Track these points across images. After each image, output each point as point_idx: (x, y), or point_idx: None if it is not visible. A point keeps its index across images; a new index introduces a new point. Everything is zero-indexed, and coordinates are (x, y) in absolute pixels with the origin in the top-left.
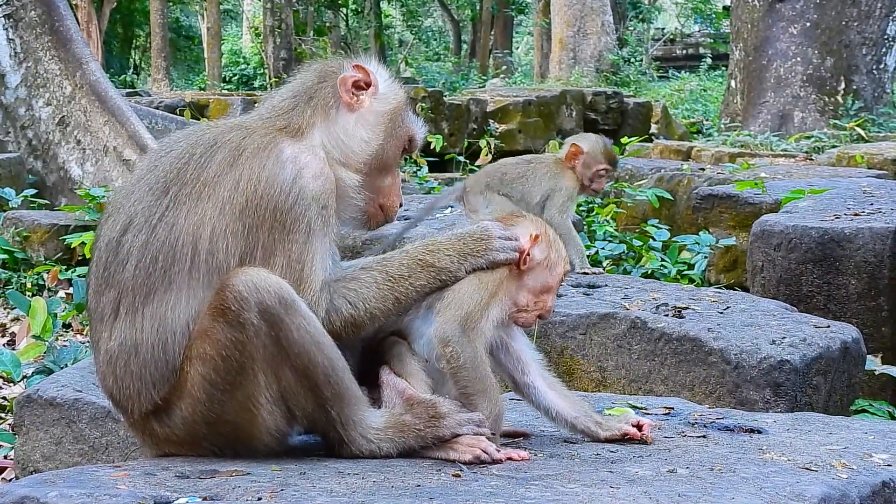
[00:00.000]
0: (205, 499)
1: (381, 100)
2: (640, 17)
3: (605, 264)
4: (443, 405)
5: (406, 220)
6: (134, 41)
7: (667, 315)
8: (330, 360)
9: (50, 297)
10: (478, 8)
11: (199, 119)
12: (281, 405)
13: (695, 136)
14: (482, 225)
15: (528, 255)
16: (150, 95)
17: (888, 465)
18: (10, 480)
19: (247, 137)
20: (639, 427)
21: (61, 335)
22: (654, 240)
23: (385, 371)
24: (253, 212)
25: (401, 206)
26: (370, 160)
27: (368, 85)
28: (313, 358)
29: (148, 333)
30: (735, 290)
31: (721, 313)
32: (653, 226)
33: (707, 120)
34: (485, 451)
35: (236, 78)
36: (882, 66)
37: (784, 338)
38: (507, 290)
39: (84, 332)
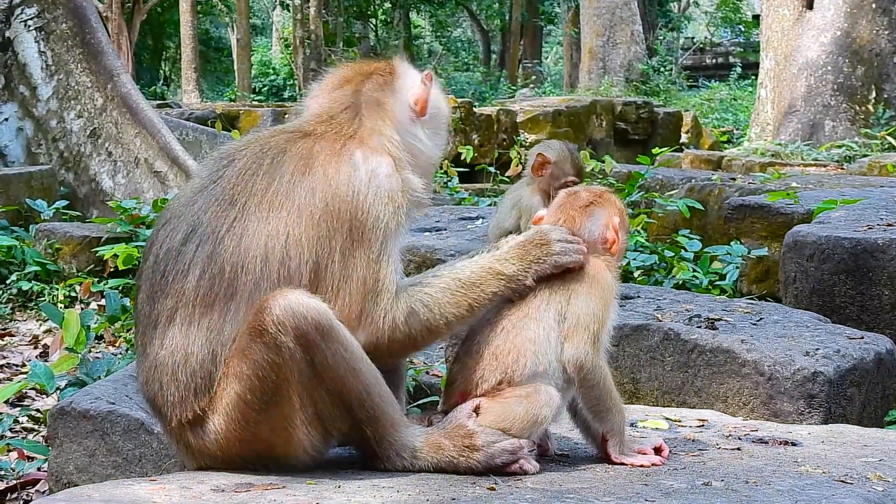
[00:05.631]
0: None
1: (435, 103)
2: (670, 26)
3: (636, 275)
4: (480, 436)
5: (437, 231)
6: (164, 53)
7: (700, 326)
8: (366, 386)
9: (83, 309)
10: (507, 18)
11: (229, 130)
12: (317, 425)
13: (725, 145)
14: (541, 230)
15: (616, 240)
16: (180, 107)
17: None
18: (44, 493)
19: (316, 145)
20: (659, 450)
21: (94, 347)
22: (686, 250)
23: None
24: (332, 216)
25: None
26: (433, 163)
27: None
28: (348, 384)
29: (201, 345)
30: (767, 300)
31: (754, 324)
32: (684, 236)
33: (737, 129)
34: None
35: (266, 89)
36: None
37: (818, 349)
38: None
39: (117, 344)
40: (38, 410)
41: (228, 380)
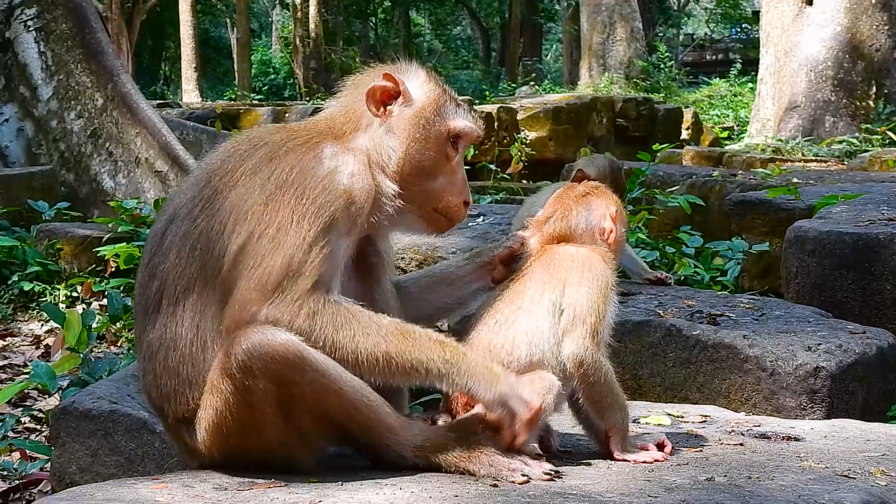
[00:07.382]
0: None
1: (409, 104)
2: (670, 22)
3: None
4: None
5: None
6: (164, 53)
7: (701, 322)
8: (352, 403)
9: (84, 309)
10: (507, 16)
11: (229, 129)
12: (304, 444)
13: (726, 141)
14: (511, 383)
15: (615, 230)
16: (180, 106)
17: None
18: (47, 493)
19: (290, 139)
20: (661, 446)
21: (96, 347)
22: (687, 246)
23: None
24: (280, 191)
25: (467, 204)
26: (402, 167)
27: (398, 94)
28: (333, 406)
29: (188, 327)
30: (769, 296)
31: (756, 320)
32: (685, 232)
33: (738, 126)
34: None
35: (266, 88)
36: None
37: (820, 344)
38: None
39: (118, 344)
40: (40, 411)
41: (206, 409)
